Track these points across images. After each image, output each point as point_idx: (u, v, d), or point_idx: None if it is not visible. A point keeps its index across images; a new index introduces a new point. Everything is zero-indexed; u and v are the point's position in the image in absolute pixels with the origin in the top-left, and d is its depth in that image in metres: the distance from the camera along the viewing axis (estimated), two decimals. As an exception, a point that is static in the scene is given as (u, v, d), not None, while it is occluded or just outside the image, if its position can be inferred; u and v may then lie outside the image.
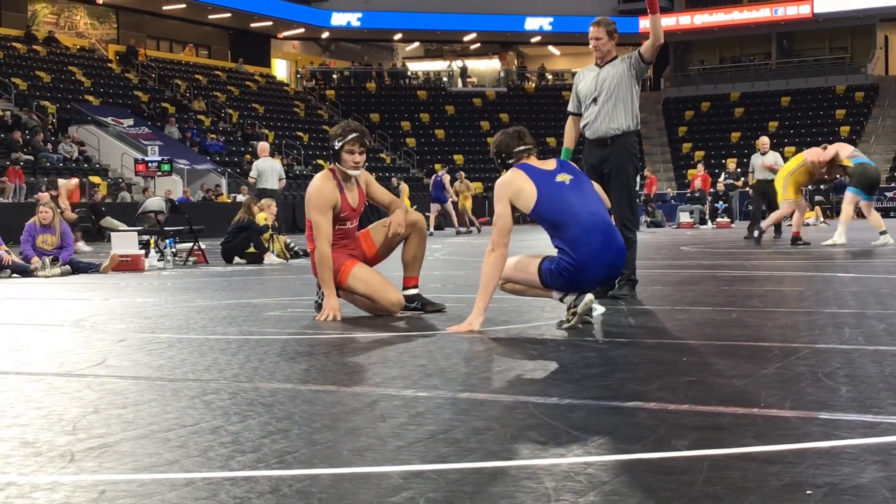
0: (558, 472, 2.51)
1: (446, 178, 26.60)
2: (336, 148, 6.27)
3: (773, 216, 15.19)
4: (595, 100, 7.08)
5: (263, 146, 18.17)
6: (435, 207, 26.46)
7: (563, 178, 5.47)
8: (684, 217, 27.54)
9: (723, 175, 28.42)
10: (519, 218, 5.73)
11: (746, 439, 2.78)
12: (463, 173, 28.70)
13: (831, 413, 3.09)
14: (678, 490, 2.32)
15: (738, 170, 28.16)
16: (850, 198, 14.01)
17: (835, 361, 4.09)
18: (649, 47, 7.02)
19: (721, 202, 27.62)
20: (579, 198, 5.42)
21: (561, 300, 5.43)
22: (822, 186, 30.24)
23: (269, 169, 17.15)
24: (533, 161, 5.57)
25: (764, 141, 17.37)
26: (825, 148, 14.29)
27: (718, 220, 26.59)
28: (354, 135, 6.27)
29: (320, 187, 6.24)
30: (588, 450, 2.71)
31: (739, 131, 44.11)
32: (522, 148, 5.59)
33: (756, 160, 17.11)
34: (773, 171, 16.24)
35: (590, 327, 5.37)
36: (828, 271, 9.50)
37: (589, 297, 5.29)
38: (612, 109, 7.05)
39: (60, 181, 12.15)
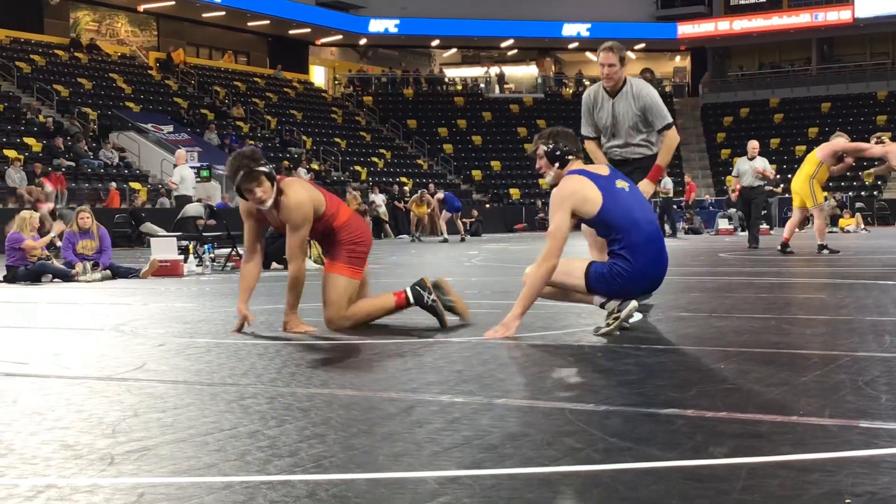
0: (594, 479, 2.50)
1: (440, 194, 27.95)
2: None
3: (818, 225, 14.55)
4: (614, 134, 6.90)
5: (181, 154, 19.05)
6: (445, 215, 26.84)
7: (622, 185, 5.47)
8: (723, 224, 27.37)
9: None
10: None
11: (785, 447, 2.76)
12: (424, 191, 28.91)
13: (871, 421, 3.06)
14: (715, 498, 2.31)
15: (777, 176, 27.92)
16: None
17: (875, 370, 4.04)
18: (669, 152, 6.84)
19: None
20: (638, 205, 5.45)
21: (602, 306, 5.42)
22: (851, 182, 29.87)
23: (189, 176, 18.21)
24: (588, 166, 5.54)
25: (754, 145, 17.02)
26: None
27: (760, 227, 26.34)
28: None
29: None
30: (625, 457, 2.70)
31: (779, 137, 43.76)
32: (577, 150, 5.55)
33: (744, 165, 16.73)
34: (765, 177, 16.13)
35: (627, 334, 5.34)
36: (868, 279, 9.40)
37: (633, 303, 5.28)
38: (632, 142, 6.89)
39: (23, 213, 12.29)
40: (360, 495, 2.39)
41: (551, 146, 5.55)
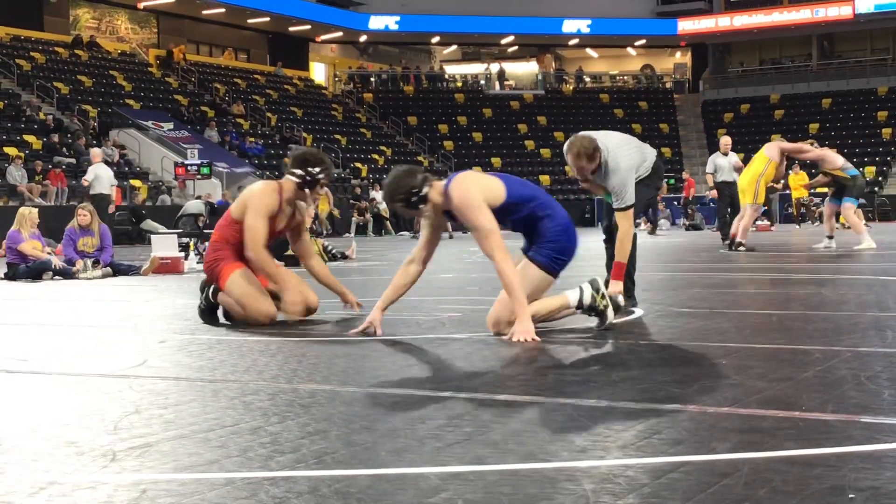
0: (597, 475, 2.50)
1: None
2: (314, 175, 6.26)
3: (744, 223, 14.59)
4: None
5: (96, 152, 19.17)
6: None
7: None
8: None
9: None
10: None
11: (788, 443, 2.76)
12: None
13: (874, 416, 3.06)
14: (718, 493, 2.31)
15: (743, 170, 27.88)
16: (850, 206, 14.02)
17: (877, 365, 4.04)
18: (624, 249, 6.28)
19: (762, 205, 27.37)
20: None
21: (580, 305, 5.33)
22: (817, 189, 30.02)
23: (104, 174, 18.28)
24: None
25: (727, 141, 17.01)
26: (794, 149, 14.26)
27: (758, 223, 26.37)
28: (329, 171, 6.35)
29: (265, 192, 6.27)
30: (627, 452, 2.70)
31: (780, 133, 43.57)
32: (422, 176, 5.31)
33: (720, 160, 16.73)
34: (738, 171, 16.27)
35: (629, 330, 5.33)
36: (868, 274, 9.40)
37: (596, 280, 5.36)
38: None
39: (22, 209, 12.30)
40: (362, 491, 2.39)
41: (401, 196, 5.25)
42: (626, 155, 6.22)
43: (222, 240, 6.34)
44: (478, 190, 5.24)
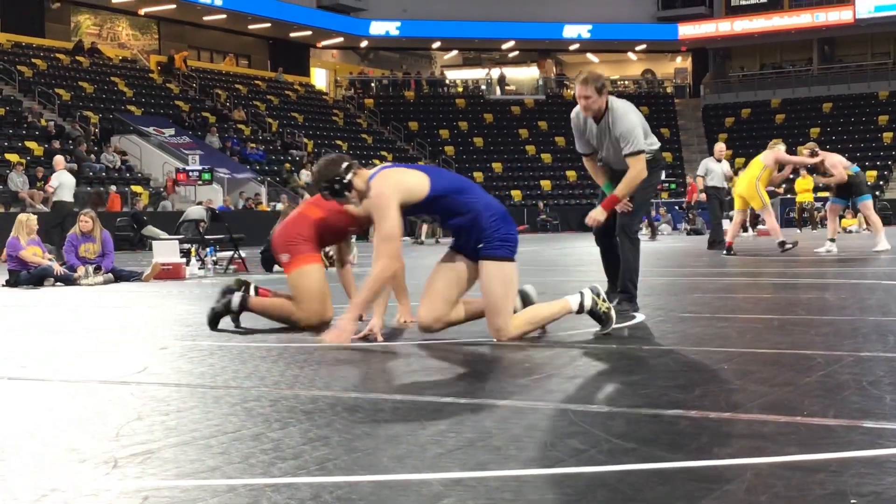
0: (599, 481, 2.49)
1: None
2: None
3: (772, 224, 14.69)
4: (606, 154, 6.60)
5: (59, 159, 19.34)
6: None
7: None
8: (724, 224, 27.28)
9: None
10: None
11: (790, 448, 2.76)
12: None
13: (875, 422, 3.06)
14: (720, 499, 2.31)
15: (738, 176, 27.88)
16: (868, 203, 14.04)
17: (879, 370, 4.04)
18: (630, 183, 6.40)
19: (761, 209, 27.33)
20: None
21: (580, 308, 5.31)
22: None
23: (67, 182, 18.43)
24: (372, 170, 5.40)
25: (721, 148, 17.17)
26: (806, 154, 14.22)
27: (759, 227, 26.37)
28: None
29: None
30: (629, 458, 2.70)
31: (780, 138, 43.61)
32: (347, 164, 5.31)
33: (713, 165, 16.78)
34: (729, 178, 16.38)
35: (630, 335, 5.33)
36: (871, 279, 9.39)
37: (597, 286, 5.36)
38: (622, 166, 6.49)
39: (20, 216, 12.31)
40: (364, 497, 2.39)
41: (325, 183, 5.31)
42: (634, 112, 6.44)
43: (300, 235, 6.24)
44: (396, 190, 5.16)
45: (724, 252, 14.31)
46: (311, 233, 6.23)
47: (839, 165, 13.99)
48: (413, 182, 5.22)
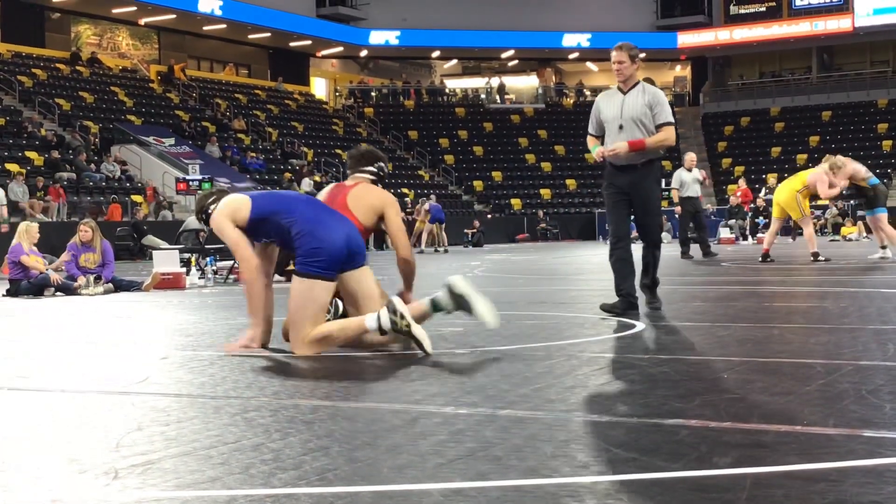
0: (599, 490, 2.50)
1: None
2: (385, 170, 6.36)
3: (809, 233, 14.68)
4: (621, 126, 7.03)
5: None
6: (428, 227, 28.08)
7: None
8: (725, 233, 27.31)
9: (763, 190, 28.18)
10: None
11: (789, 457, 2.76)
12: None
13: (875, 431, 3.06)
14: (720, 508, 2.31)
15: (779, 185, 27.86)
16: (883, 216, 14.05)
17: (879, 378, 4.04)
18: (659, 143, 7.12)
19: (762, 217, 27.36)
20: (290, 193, 5.84)
21: (380, 327, 5.21)
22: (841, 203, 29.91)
23: None
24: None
25: (691, 157, 17.28)
26: (833, 170, 14.09)
27: (759, 235, 26.36)
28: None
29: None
30: (629, 467, 2.70)
31: (780, 146, 43.78)
32: (214, 197, 5.72)
33: (685, 175, 16.81)
34: (702, 185, 16.50)
35: (630, 344, 5.33)
36: (870, 287, 9.39)
37: (397, 301, 5.21)
38: (633, 136, 6.99)
39: (22, 224, 12.36)
40: (364, 508, 2.39)
41: (198, 212, 5.84)
42: (664, 95, 7.28)
43: None
44: (224, 213, 5.50)
45: (761, 259, 14.35)
46: None
47: (860, 171, 14.01)
48: (236, 205, 5.56)
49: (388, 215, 6.09)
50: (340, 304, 6.02)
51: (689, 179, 16.73)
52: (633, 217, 7.26)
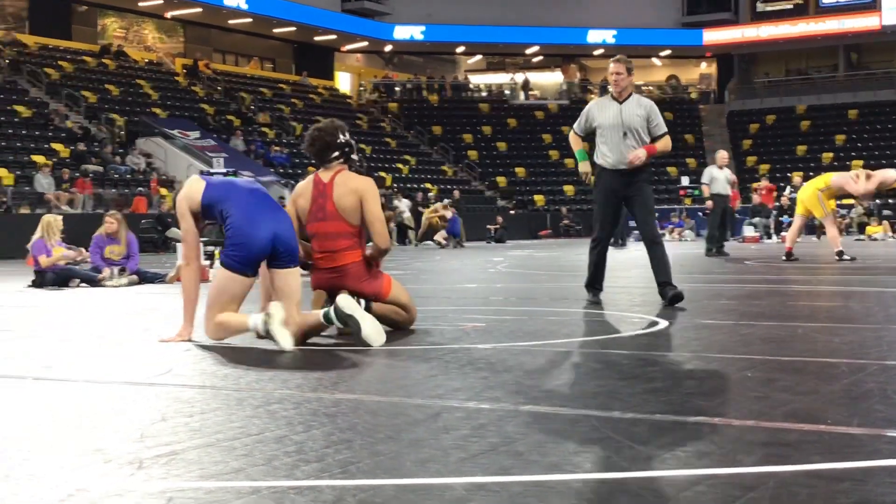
0: (621, 487, 2.49)
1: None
2: (347, 141, 6.36)
3: (832, 234, 14.58)
4: (625, 133, 7.62)
5: None
6: (443, 234, 28.46)
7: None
8: (749, 231, 27.18)
9: (788, 189, 28.03)
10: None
11: (813, 456, 2.74)
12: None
13: (901, 431, 3.04)
14: (744, 507, 2.30)
15: (804, 183, 27.71)
16: None
17: (904, 379, 4.01)
18: (664, 150, 7.79)
19: (786, 216, 27.20)
20: (244, 182, 5.97)
21: (260, 330, 5.32)
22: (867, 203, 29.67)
23: None
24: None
25: (724, 155, 17.36)
26: (859, 177, 14.01)
27: (783, 234, 26.20)
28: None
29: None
30: (651, 465, 2.70)
31: (805, 145, 43.53)
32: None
33: (717, 173, 16.80)
34: (732, 185, 16.45)
35: (653, 342, 5.31)
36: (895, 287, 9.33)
37: (271, 310, 5.27)
38: (637, 146, 7.61)
39: (46, 217, 12.31)
40: (387, 501, 2.40)
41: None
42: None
43: (355, 243, 6.22)
44: (183, 198, 5.79)
45: (784, 258, 14.35)
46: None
47: (890, 176, 14.00)
48: (192, 190, 5.75)
49: (366, 202, 6.11)
50: (363, 301, 6.04)
51: (720, 177, 16.73)
52: (632, 217, 7.99)
